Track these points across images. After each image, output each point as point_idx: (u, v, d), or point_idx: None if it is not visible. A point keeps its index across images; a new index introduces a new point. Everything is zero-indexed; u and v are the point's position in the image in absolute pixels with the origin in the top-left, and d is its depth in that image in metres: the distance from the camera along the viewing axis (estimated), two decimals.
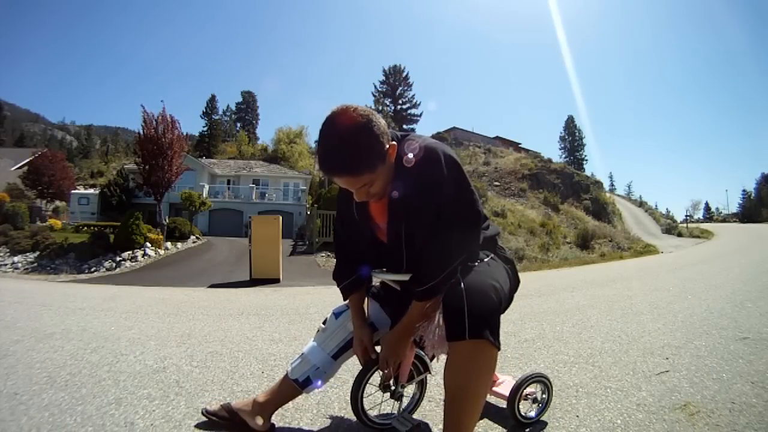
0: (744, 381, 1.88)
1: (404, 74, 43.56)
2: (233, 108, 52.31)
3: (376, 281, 1.45)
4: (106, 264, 10.35)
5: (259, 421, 1.36)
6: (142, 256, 11.06)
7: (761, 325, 2.93)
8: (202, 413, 1.42)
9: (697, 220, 51.84)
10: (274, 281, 7.08)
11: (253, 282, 6.96)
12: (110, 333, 2.93)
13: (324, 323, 1.44)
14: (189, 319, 3.52)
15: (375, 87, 43.78)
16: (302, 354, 1.41)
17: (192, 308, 4.07)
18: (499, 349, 1.06)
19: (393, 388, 1.40)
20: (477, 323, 1.03)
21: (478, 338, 1.03)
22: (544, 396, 1.54)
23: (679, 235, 24.59)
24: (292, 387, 1.38)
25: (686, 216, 34.14)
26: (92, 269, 10.18)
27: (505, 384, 1.59)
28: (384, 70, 43.89)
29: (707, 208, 74.43)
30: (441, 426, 1.48)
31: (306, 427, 1.49)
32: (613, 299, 4.31)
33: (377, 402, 1.50)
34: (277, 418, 1.55)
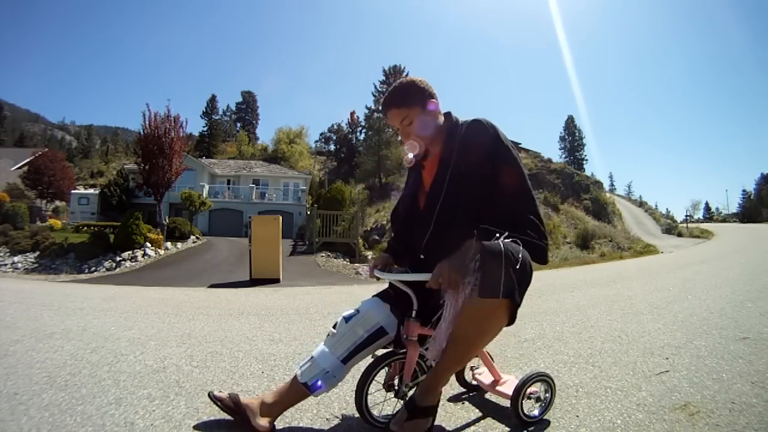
0: (744, 381, 1.88)
1: (404, 74, 43.50)
2: (233, 108, 52.33)
3: (384, 282, 1.49)
4: (106, 264, 10.35)
5: (264, 422, 1.36)
6: (142, 256, 11.05)
7: (761, 325, 2.93)
8: (209, 395, 1.42)
9: (697, 220, 51.82)
10: (274, 281, 7.08)
11: (253, 282, 6.96)
12: (110, 333, 2.93)
13: (334, 327, 1.45)
14: (189, 319, 3.51)
15: (375, 87, 43.64)
16: (312, 357, 1.42)
17: (192, 308, 4.07)
18: (519, 306, 1.18)
19: (397, 387, 1.41)
20: (511, 286, 1.12)
21: (510, 298, 1.13)
22: (547, 395, 1.54)
23: (679, 235, 24.59)
24: (300, 390, 1.39)
25: (686, 216, 34.12)
26: (92, 269, 10.18)
27: (508, 383, 1.60)
28: (384, 70, 43.73)
29: (707, 208, 74.44)
30: (445, 425, 1.48)
31: (306, 427, 1.49)
32: (613, 299, 4.31)
33: (379, 401, 1.50)
34: (277, 418, 1.55)
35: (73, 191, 23.48)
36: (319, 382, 1.37)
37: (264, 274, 7.15)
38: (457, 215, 1.34)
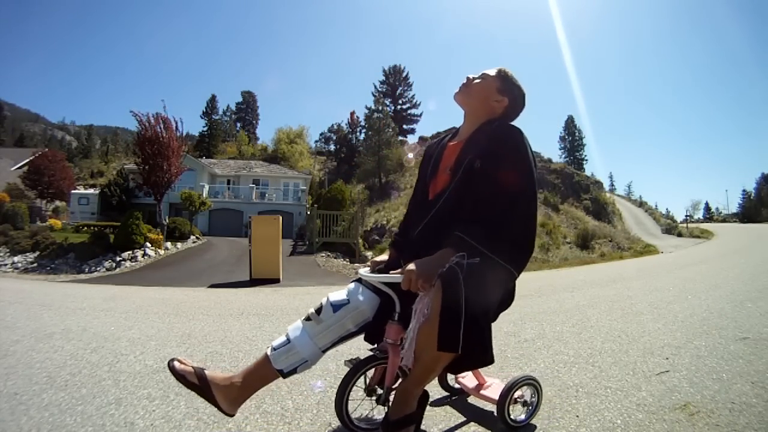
0: (744, 381, 1.88)
1: (404, 74, 43.43)
2: (233, 108, 52.24)
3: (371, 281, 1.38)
4: (106, 264, 10.34)
5: (233, 406, 1.28)
6: (142, 256, 11.05)
7: (761, 325, 2.93)
8: (169, 367, 1.28)
9: (697, 220, 51.79)
10: (274, 281, 7.08)
11: (253, 282, 6.96)
12: (110, 333, 2.93)
13: (318, 312, 1.34)
14: (189, 319, 3.51)
15: (375, 87, 43.55)
16: (289, 341, 1.30)
17: (192, 308, 4.07)
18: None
19: (379, 392, 1.36)
20: (473, 340, 1.12)
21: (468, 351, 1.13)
22: (533, 399, 1.51)
23: (679, 235, 24.59)
24: (273, 374, 1.30)
25: (686, 216, 34.11)
26: (92, 269, 10.17)
27: (493, 387, 1.56)
28: (384, 70, 43.70)
29: (707, 208, 74.33)
30: (428, 430, 1.47)
31: (306, 427, 1.49)
32: (613, 299, 4.31)
33: (363, 407, 1.46)
34: (277, 418, 1.55)
35: (73, 191, 23.45)
36: (297, 370, 1.29)
37: (264, 274, 7.15)
38: (456, 211, 1.31)
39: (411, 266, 1.17)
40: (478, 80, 1.43)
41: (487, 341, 1.16)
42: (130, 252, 11.06)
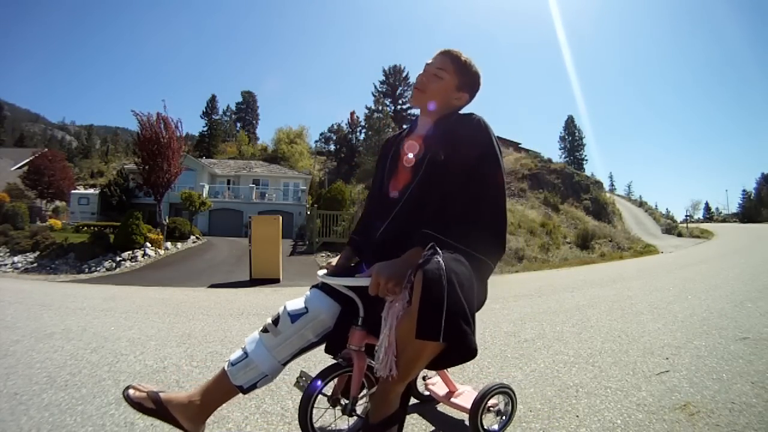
0: (744, 381, 1.88)
1: (404, 74, 43.47)
2: (233, 108, 52.32)
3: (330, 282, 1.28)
4: (106, 264, 10.35)
5: (195, 424, 1.22)
6: (142, 256, 11.05)
7: (761, 325, 2.93)
8: (124, 397, 1.24)
9: (697, 220, 51.82)
10: (274, 281, 7.08)
11: (253, 282, 6.96)
12: (110, 333, 2.93)
13: (275, 323, 1.26)
14: (189, 319, 3.51)
15: (375, 87, 43.62)
16: (247, 356, 1.24)
17: (192, 308, 4.07)
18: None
19: (344, 403, 1.28)
20: (455, 329, 0.99)
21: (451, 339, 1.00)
22: (507, 408, 1.46)
23: (679, 235, 24.59)
24: (233, 390, 1.24)
25: (686, 216, 34.03)
26: (92, 269, 10.18)
27: (465, 395, 1.50)
28: (384, 70, 43.78)
29: (707, 208, 74.40)
30: None
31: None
32: (613, 299, 4.31)
33: (330, 417, 1.40)
34: (277, 418, 1.55)
35: (73, 191, 23.47)
36: (257, 386, 1.25)
37: (264, 274, 7.15)
38: (421, 208, 1.24)
39: (378, 269, 1.09)
40: (433, 82, 1.30)
41: (471, 331, 1.05)
42: (130, 252, 11.07)
